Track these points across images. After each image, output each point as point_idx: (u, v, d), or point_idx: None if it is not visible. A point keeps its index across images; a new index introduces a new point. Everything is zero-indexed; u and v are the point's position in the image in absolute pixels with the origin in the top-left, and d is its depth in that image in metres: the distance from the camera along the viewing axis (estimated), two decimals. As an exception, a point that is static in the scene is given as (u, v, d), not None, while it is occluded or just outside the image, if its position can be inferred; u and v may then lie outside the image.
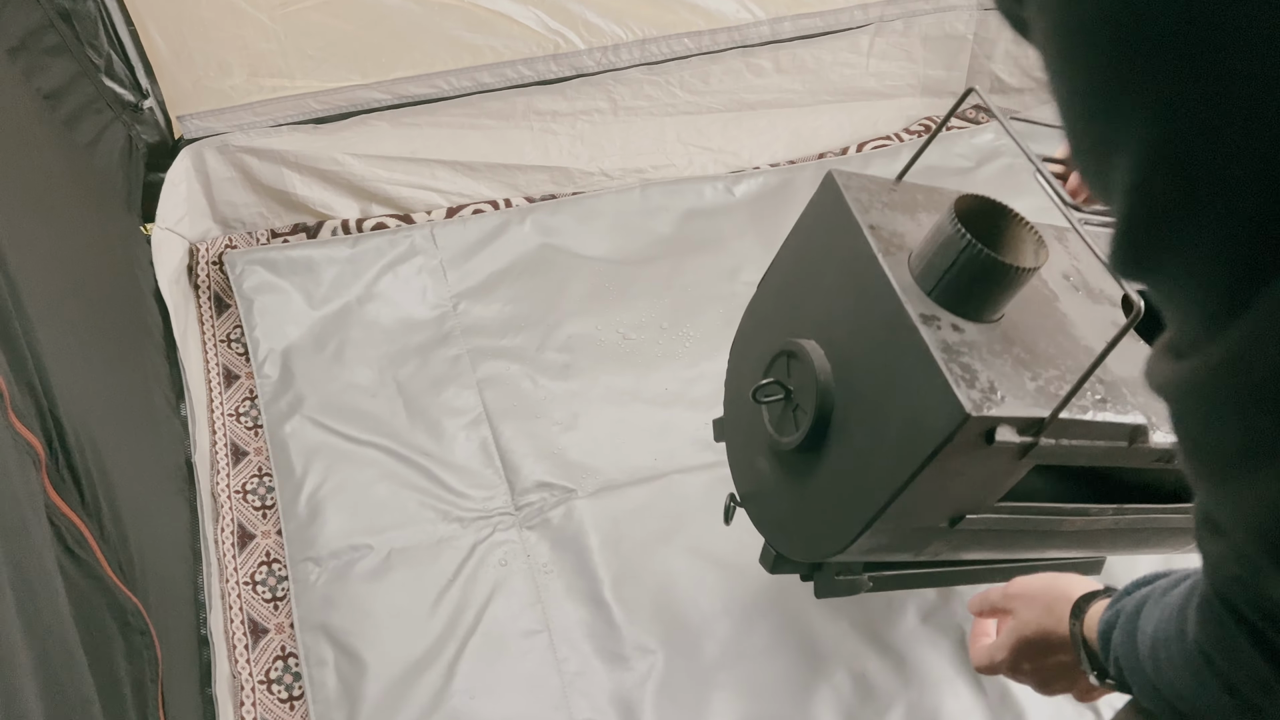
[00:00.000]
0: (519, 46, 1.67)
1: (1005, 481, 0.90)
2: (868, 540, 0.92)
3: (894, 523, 0.89)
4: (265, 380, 1.51)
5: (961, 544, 0.99)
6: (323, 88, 1.60)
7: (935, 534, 0.94)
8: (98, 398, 1.07)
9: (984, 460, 0.83)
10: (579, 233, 1.72)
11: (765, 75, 1.86)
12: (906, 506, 0.87)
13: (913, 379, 0.83)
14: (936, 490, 0.86)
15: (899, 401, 0.85)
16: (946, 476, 0.85)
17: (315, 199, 1.67)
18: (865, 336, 0.90)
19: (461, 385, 1.53)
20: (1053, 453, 0.85)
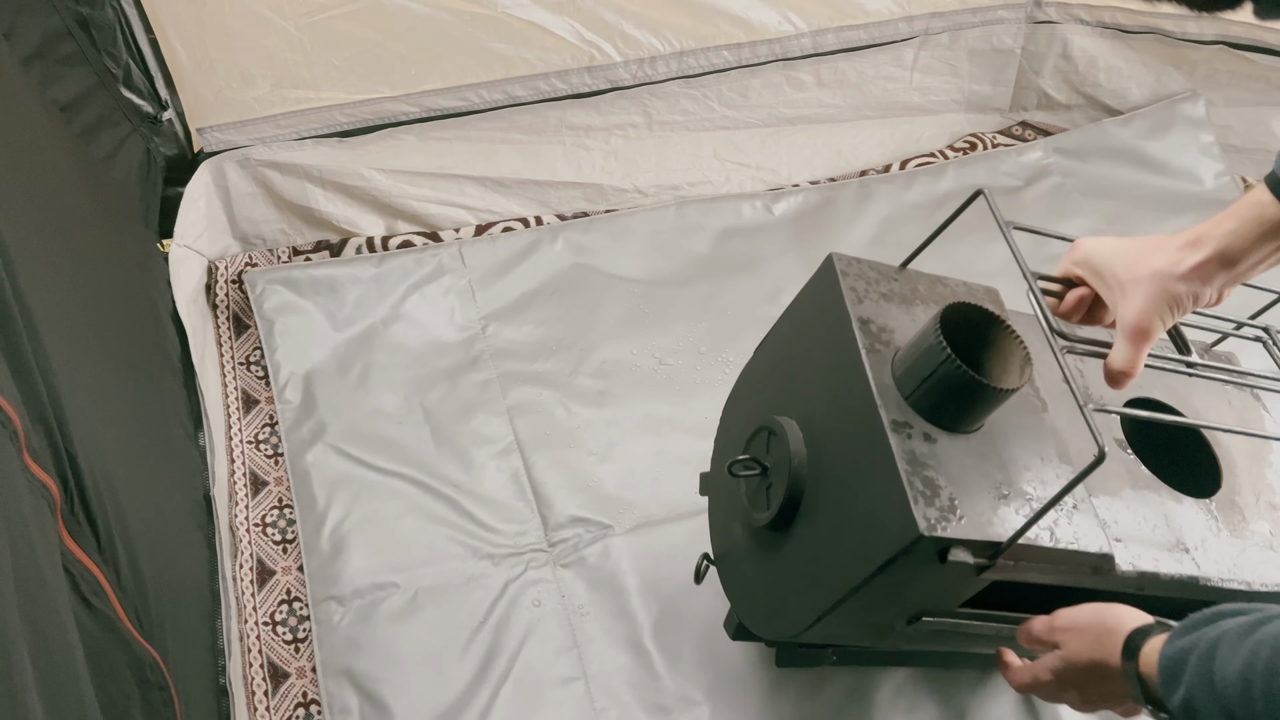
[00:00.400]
0: (552, 58, 1.60)
1: (962, 593, 0.88)
2: (824, 629, 0.92)
3: (850, 617, 0.90)
4: (286, 406, 1.44)
5: (921, 640, 0.99)
6: (349, 100, 1.53)
7: (893, 630, 0.94)
8: (114, 430, 1.00)
9: (940, 573, 0.82)
10: (612, 252, 1.65)
11: (806, 89, 1.79)
12: (861, 606, 0.87)
13: (876, 484, 0.83)
14: (891, 594, 0.87)
15: (862, 504, 0.85)
16: (901, 584, 0.85)
17: (339, 215, 1.60)
18: (841, 428, 0.89)
19: (491, 412, 1.46)
20: (1012, 572, 0.84)
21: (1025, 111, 1.96)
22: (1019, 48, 1.88)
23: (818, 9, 1.71)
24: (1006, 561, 0.82)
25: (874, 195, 1.78)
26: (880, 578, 0.82)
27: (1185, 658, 0.67)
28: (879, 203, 1.77)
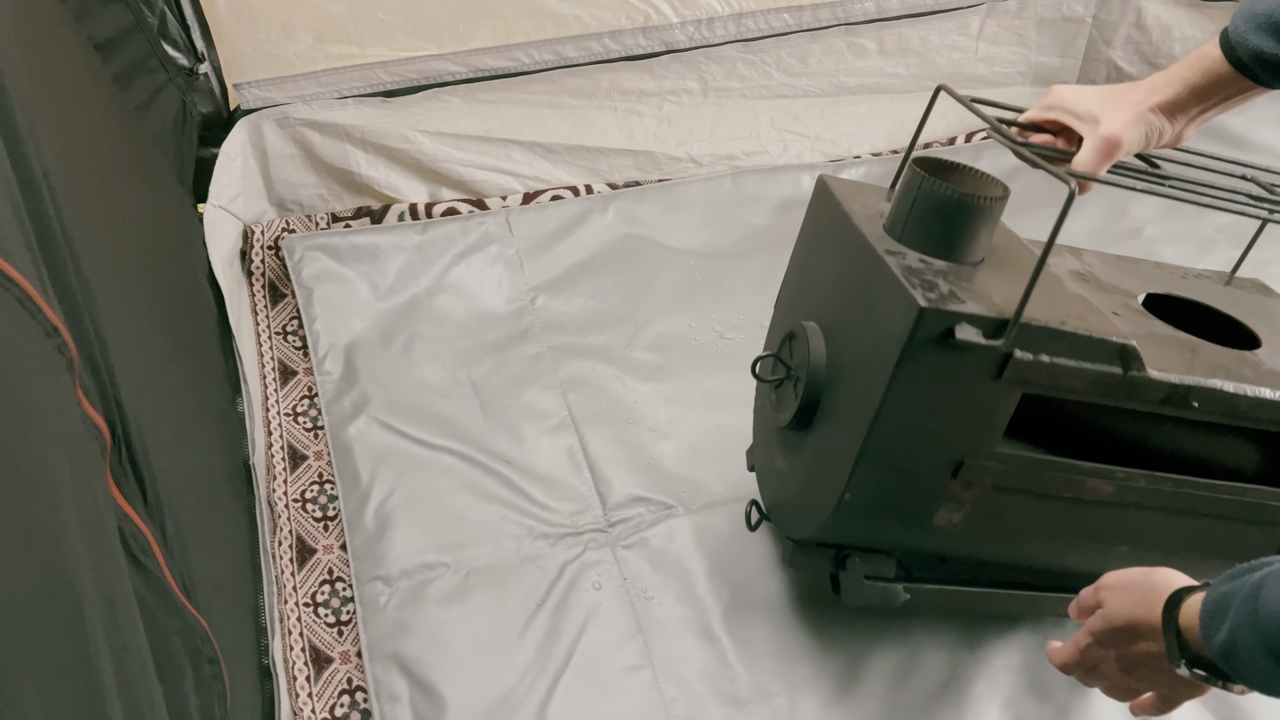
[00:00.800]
0: (606, 17, 1.52)
1: (996, 416, 0.88)
2: (865, 491, 0.91)
3: (885, 463, 0.89)
4: (326, 377, 1.36)
5: (974, 517, 0.94)
6: (394, 57, 1.45)
7: (939, 492, 0.91)
8: (155, 384, 0.92)
9: (961, 381, 0.84)
10: (666, 223, 1.56)
11: (868, 57, 1.71)
12: (892, 438, 0.87)
13: (880, 301, 0.86)
14: (919, 416, 0.87)
15: (872, 329, 0.88)
16: (924, 398, 0.85)
17: (381, 180, 1.52)
18: (848, 296, 0.94)
19: (543, 386, 1.37)
20: (1034, 371, 0.84)
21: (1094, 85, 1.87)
22: (1090, 16, 1.79)
23: (882, -29, 1.63)
24: (1025, 356, 0.83)
25: (938, 168, 1.69)
26: (901, 387, 0.84)
27: (1229, 600, 0.66)
28: (944, 176, 1.68)
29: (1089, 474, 0.91)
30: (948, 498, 0.91)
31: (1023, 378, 0.84)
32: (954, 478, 0.89)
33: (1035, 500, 0.92)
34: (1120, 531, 0.98)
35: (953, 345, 0.81)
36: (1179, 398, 0.89)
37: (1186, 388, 0.89)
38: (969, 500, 0.92)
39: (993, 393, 0.85)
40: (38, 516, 0.53)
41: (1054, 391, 0.87)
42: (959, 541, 0.98)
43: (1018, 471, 0.90)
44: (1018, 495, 0.92)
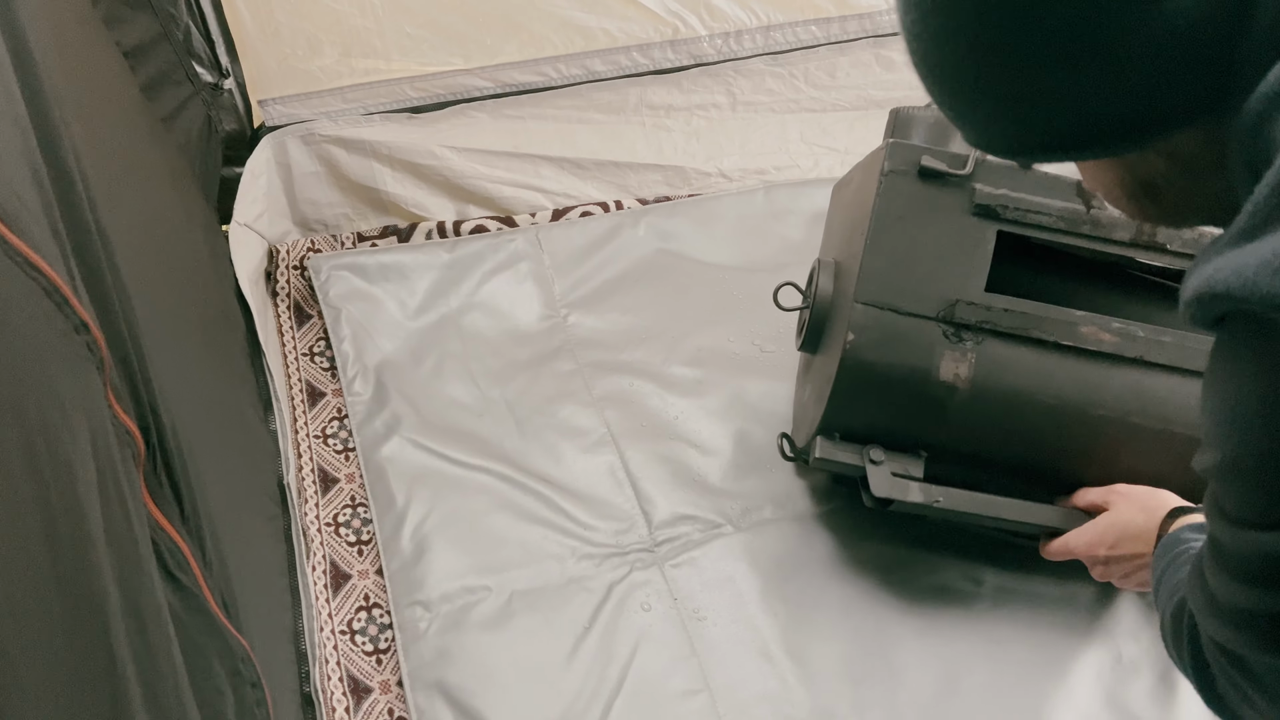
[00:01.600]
0: (635, 30, 1.50)
1: (976, 255, 0.97)
2: (867, 335, 0.99)
3: (880, 300, 0.98)
4: (356, 398, 1.31)
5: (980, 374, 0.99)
6: (421, 72, 1.43)
7: (939, 339, 0.98)
8: (191, 394, 0.87)
9: (938, 217, 0.97)
10: (698, 237, 1.53)
11: (896, 70, 1.68)
12: (883, 272, 0.98)
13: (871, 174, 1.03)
14: (905, 250, 0.98)
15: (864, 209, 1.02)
16: (907, 231, 0.98)
17: (408, 198, 1.48)
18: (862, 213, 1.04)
19: (579, 403, 1.33)
20: (1002, 204, 0.97)
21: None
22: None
23: (909, -17, 1.61)
24: (988, 189, 0.97)
25: (970, 181, 1.66)
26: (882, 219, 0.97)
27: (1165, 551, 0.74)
28: (976, 188, 1.65)
29: (1081, 320, 0.98)
30: (949, 344, 0.98)
31: (992, 212, 0.97)
32: (949, 322, 0.98)
33: (1036, 354, 0.98)
34: (1130, 398, 0.99)
35: (923, 174, 0.97)
36: (1146, 233, 0.99)
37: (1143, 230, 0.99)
38: (971, 349, 0.98)
39: (969, 229, 0.97)
40: (62, 522, 0.49)
41: (1027, 230, 0.98)
42: (972, 417, 1.01)
43: (1010, 317, 0.97)
44: (1017, 346, 0.98)
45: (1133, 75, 0.44)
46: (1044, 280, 1.07)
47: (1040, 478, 1.08)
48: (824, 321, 1.09)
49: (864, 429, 1.05)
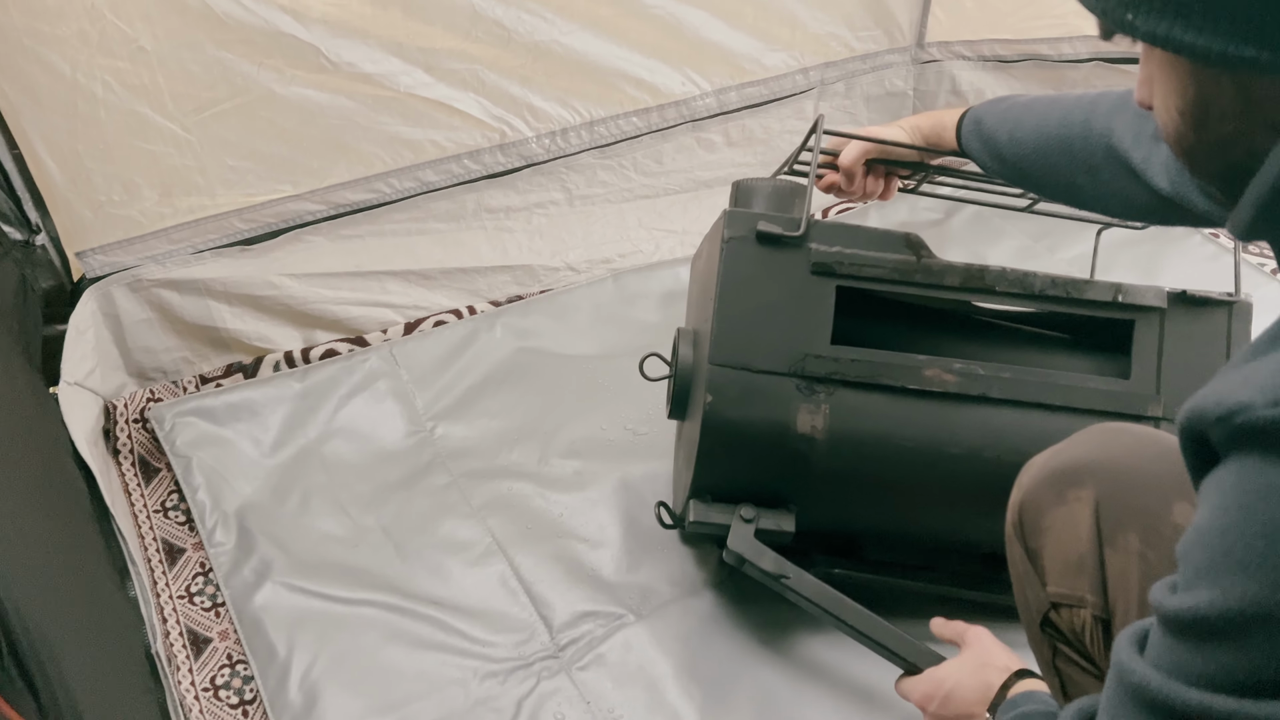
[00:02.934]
0: (463, 138, 1.51)
1: (820, 310, 1.03)
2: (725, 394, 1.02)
3: (734, 359, 1.02)
4: (219, 549, 1.23)
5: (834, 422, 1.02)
6: (249, 203, 1.39)
7: (792, 393, 1.02)
8: (36, 576, 0.80)
9: (781, 278, 1.02)
10: (556, 332, 1.53)
11: (718, 150, 1.75)
12: (735, 333, 1.02)
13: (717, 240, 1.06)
14: (753, 309, 1.02)
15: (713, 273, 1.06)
16: (754, 293, 1.02)
17: (250, 332, 1.43)
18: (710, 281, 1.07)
19: (459, 516, 1.29)
20: (838, 262, 1.03)
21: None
22: (911, 89, 1.91)
23: (717, 68, 1.69)
24: (822, 248, 1.03)
25: (805, 244, 1.73)
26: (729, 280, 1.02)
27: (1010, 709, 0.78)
28: (812, 250, 1.72)
29: (924, 364, 1.03)
30: (803, 397, 1.02)
31: (829, 269, 1.02)
32: (801, 376, 1.02)
33: (886, 400, 1.02)
34: (979, 434, 1.03)
35: (761, 238, 1.02)
36: (975, 277, 1.04)
37: (981, 268, 1.05)
38: (824, 400, 1.02)
39: (811, 287, 1.02)
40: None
41: (863, 283, 1.03)
42: (833, 466, 1.04)
43: (858, 366, 1.02)
44: (868, 393, 1.02)
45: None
46: (890, 329, 1.12)
47: (909, 527, 1.11)
48: (688, 387, 1.12)
49: (734, 488, 1.07)
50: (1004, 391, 1.03)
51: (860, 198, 1.17)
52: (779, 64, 1.75)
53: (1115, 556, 0.71)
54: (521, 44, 1.48)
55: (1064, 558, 0.74)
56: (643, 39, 1.59)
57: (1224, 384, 0.45)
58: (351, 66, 1.37)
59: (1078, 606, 0.74)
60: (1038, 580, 0.77)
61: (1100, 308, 1.06)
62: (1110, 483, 0.72)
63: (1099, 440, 0.76)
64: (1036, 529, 0.76)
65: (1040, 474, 0.77)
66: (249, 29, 1.29)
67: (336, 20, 1.34)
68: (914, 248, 1.06)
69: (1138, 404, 1.03)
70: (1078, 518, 0.73)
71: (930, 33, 1.86)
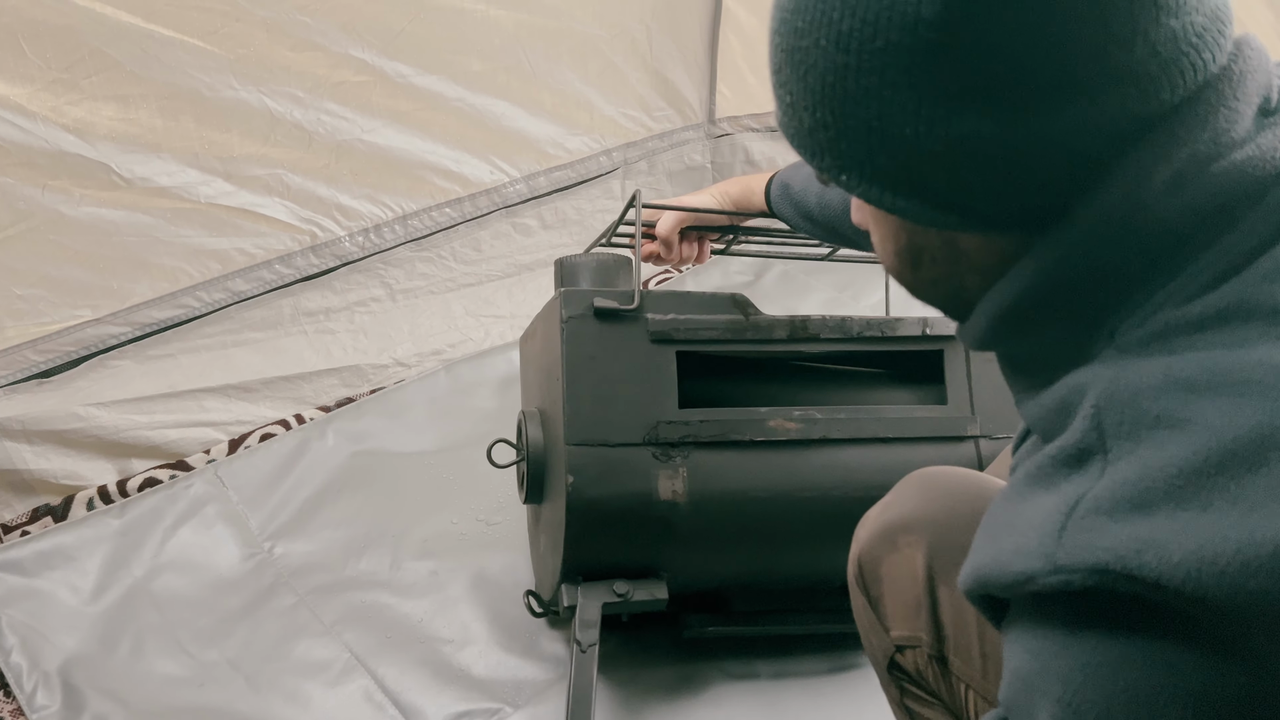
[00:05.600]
0: (272, 243, 1.47)
1: (664, 376, 1.05)
2: (586, 472, 1.01)
3: (590, 437, 1.02)
4: (43, 713, 1.11)
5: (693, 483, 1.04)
6: (43, 333, 1.30)
7: (650, 461, 1.03)
8: None
9: (623, 349, 1.05)
10: (394, 430, 1.49)
11: (533, 234, 1.78)
12: (587, 410, 1.03)
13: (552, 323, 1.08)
14: (601, 385, 1.04)
15: (552, 354, 1.07)
16: (599, 367, 1.04)
17: (56, 470, 1.32)
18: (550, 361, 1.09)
19: (312, 636, 1.22)
20: (673, 328, 1.06)
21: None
22: (708, 162, 2.01)
23: (523, 155, 1.73)
24: (659, 315, 1.06)
25: (629, 316, 1.77)
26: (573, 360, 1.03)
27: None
28: (637, 321, 1.76)
29: (767, 416, 1.07)
30: (660, 464, 1.03)
31: (667, 336, 1.05)
32: (655, 444, 1.03)
33: (739, 455, 1.06)
34: (827, 474, 1.08)
35: (599, 314, 1.04)
36: (800, 327, 1.10)
37: (804, 318, 1.11)
38: (680, 464, 1.04)
39: (653, 355, 1.05)
40: None
41: (700, 345, 1.07)
42: (700, 527, 1.05)
43: (708, 426, 1.05)
44: (721, 451, 1.05)
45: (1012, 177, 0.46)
46: (730, 386, 1.16)
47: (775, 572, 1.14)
48: (542, 470, 1.12)
49: (604, 565, 1.07)
50: (843, 431, 1.08)
51: (677, 264, 1.24)
52: (581, 147, 1.80)
53: (947, 594, 0.75)
54: (323, 144, 1.47)
55: (902, 601, 0.77)
56: (446, 131, 1.61)
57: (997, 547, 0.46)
58: (145, 181, 1.31)
59: (918, 647, 0.77)
60: (880, 626, 0.80)
61: (911, 342, 1.14)
62: (937, 527, 0.76)
63: (921, 489, 0.80)
64: (875, 578, 0.80)
65: (874, 528, 0.81)
66: (29, 151, 1.22)
67: (125, 135, 1.29)
68: (740, 307, 1.11)
69: (958, 426, 1.11)
70: (912, 562, 0.76)
71: (719, 109, 1.97)
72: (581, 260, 1.16)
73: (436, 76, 1.55)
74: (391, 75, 1.50)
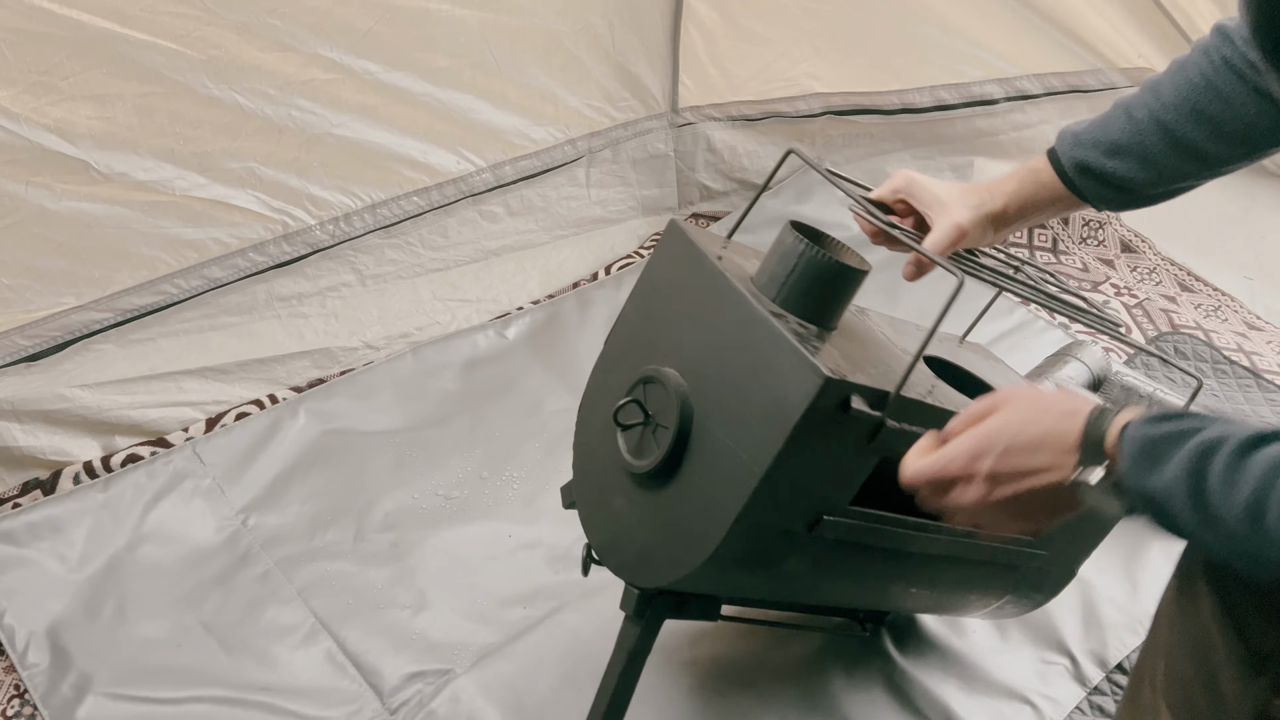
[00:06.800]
0: (245, 233, 1.55)
1: (855, 476, 0.94)
2: (734, 546, 0.91)
3: (759, 521, 0.90)
4: (33, 670, 1.22)
5: (816, 562, 1.00)
6: (29, 319, 1.39)
7: (794, 543, 0.96)
8: None
9: (838, 445, 0.89)
10: (361, 411, 1.59)
11: (500, 220, 1.86)
12: (771, 497, 0.89)
13: (770, 365, 0.88)
14: (795, 478, 0.89)
15: (758, 392, 0.88)
16: (804, 461, 0.88)
17: (44, 447, 1.41)
18: (719, 349, 0.93)
19: (281, 602, 1.32)
20: (898, 439, 0.89)
21: (692, 205, 2.16)
22: (671, 151, 2.08)
23: (489, 144, 1.80)
24: (894, 425, 0.88)
25: (592, 301, 1.86)
26: (788, 451, 0.85)
27: (1164, 450, 0.67)
28: (599, 306, 1.85)
29: (913, 528, 1.00)
30: (800, 550, 0.97)
31: (890, 446, 0.89)
32: (809, 531, 0.94)
33: (866, 551, 1.01)
34: (921, 575, 1.11)
35: (844, 414, 0.85)
36: None
37: None
38: (817, 551, 0.97)
39: (859, 455, 0.92)
40: None
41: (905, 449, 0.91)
42: (791, 587, 1.06)
43: (861, 528, 0.97)
44: (855, 546, 0.99)
45: None
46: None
47: None
48: (685, 447, 0.94)
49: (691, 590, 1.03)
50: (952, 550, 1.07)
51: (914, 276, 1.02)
52: (546, 137, 1.88)
53: None
54: (294, 138, 1.54)
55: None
56: (414, 124, 1.68)
57: None
58: (124, 176, 1.40)
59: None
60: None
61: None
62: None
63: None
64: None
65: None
66: (13, 150, 1.30)
67: (103, 133, 1.37)
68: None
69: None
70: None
71: (682, 99, 2.04)
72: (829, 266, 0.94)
73: (403, 73, 1.63)
74: (360, 72, 1.57)
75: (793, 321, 0.91)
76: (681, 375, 0.95)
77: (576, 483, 1.10)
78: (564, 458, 1.53)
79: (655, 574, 0.99)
